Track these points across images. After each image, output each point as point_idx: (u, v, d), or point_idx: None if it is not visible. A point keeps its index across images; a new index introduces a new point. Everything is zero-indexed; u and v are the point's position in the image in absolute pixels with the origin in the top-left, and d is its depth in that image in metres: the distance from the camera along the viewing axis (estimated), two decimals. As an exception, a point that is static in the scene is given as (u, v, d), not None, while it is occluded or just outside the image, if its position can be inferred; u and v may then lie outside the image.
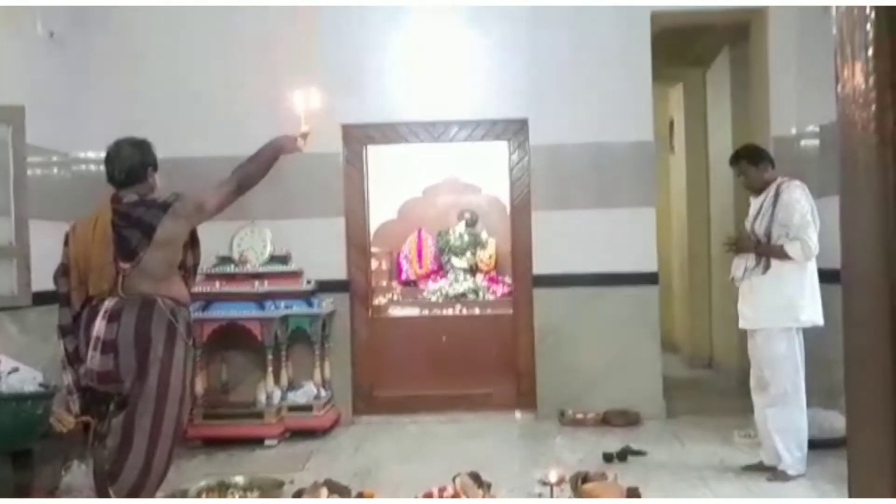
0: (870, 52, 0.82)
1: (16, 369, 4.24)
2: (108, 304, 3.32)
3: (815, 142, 5.63)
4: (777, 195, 4.37)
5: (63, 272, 3.46)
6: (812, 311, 4.31)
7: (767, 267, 4.35)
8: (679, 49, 7.56)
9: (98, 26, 5.94)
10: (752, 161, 4.51)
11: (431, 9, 6.02)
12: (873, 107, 0.81)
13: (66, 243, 3.49)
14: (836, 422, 4.84)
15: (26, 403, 3.99)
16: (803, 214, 4.26)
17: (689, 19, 6.39)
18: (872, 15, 0.80)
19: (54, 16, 5.46)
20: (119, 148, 3.53)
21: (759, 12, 6.03)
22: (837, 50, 0.90)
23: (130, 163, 3.49)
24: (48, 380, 4.21)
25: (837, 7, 0.89)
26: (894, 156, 0.79)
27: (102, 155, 5.81)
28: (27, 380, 4.19)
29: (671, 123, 8.93)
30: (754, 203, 4.54)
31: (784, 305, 4.29)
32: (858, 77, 0.85)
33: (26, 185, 4.80)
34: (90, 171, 5.86)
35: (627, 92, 5.90)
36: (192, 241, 3.60)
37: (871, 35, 0.82)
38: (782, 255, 4.28)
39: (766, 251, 4.34)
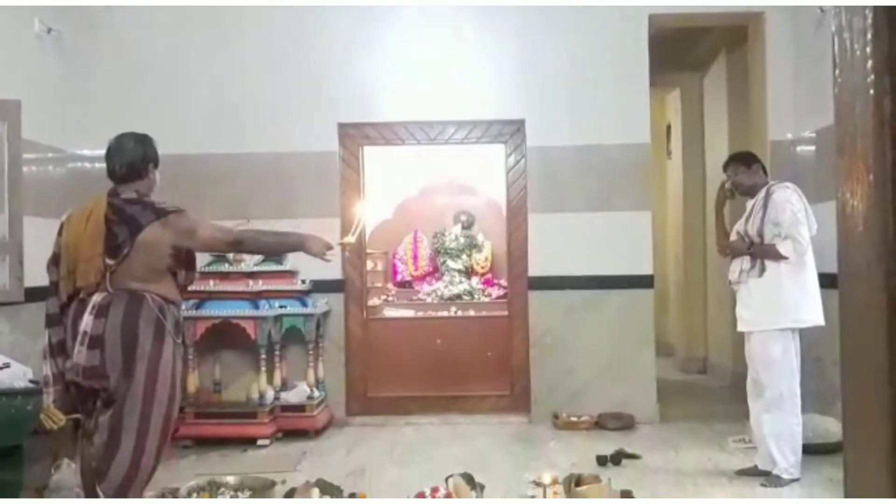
0: (868, 35, 0.81)
1: (7, 365, 4.21)
2: (97, 298, 3.29)
3: (812, 147, 5.63)
4: (768, 195, 4.38)
5: (54, 261, 3.44)
6: (813, 311, 4.29)
7: (763, 269, 4.34)
8: (676, 54, 7.57)
9: (96, 22, 5.93)
10: (743, 162, 4.53)
11: (429, 9, 6.01)
12: (871, 91, 0.80)
13: (59, 233, 3.46)
14: (831, 427, 4.84)
15: (16, 399, 3.96)
16: (794, 213, 4.26)
17: (687, 22, 6.39)
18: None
19: (52, 11, 5.44)
20: (121, 142, 3.49)
21: (757, 17, 6.03)
22: (836, 35, 0.89)
23: (132, 157, 3.44)
24: (38, 376, 4.18)
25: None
26: (892, 140, 0.78)
27: (99, 152, 5.82)
28: (17, 376, 4.16)
29: (668, 128, 8.94)
30: (748, 206, 4.55)
31: (782, 306, 4.28)
32: (857, 61, 0.83)
33: (21, 180, 4.77)
34: (85, 168, 5.85)
35: (624, 94, 5.90)
36: (189, 262, 3.52)
37: (869, 19, 0.81)
38: (775, 254, 4.27)
39: (760, 252, 4.34)
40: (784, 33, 5.89)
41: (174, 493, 4.13)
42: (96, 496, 3.29)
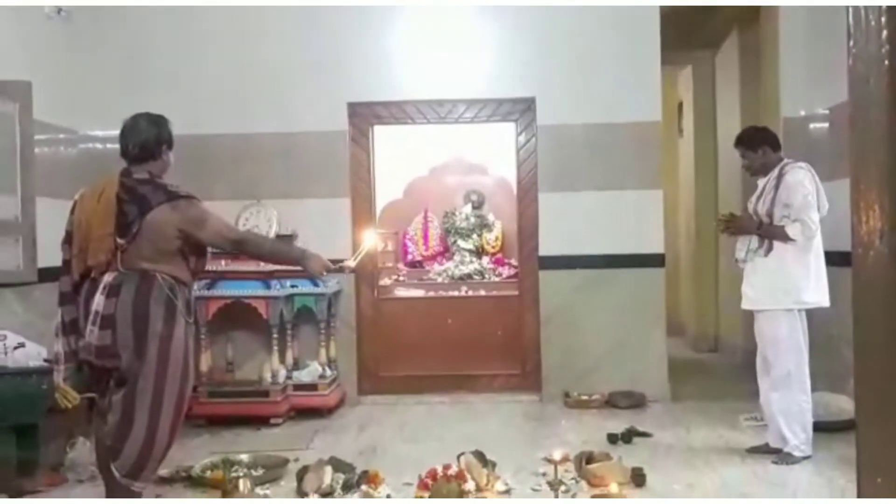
0: (883, 5, 0.80)
1: (21, 345, 4.26)
2: (108, 278, 3.31)
3: (825, 124, 5.59)
4: (780, 176, 4.34)
5: (67, 240, 3.46)
6: (816, 293, 4.28)
7: (770, 249, 4.32)
8: (688, 31, 7.50)
9: (106, 2, 5.90)
10: (749, 146, 4.48)
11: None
12: (886, 62, 0.78)
13: (72, 211, 3.48)
14: (843, 404, 4.83)
15: (31, 378, 4.01)
16: (805, 195, 4.22)
17: (699, -1, 6.33)
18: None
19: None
20: (135, 122, 3.50)
21: (770, -7, 5.97)
22: (850, 5, 0.87)
23: (145, 138, 3.45)
24: (52, 355, 4.22)
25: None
26: (907, 111, 0.77)
27: (110, 132, 5.83)
28: (32, 355, 4.21)
29: (680, 106, 8.88)
30: (760, 184, 4.52)
31: (786, 287, 4.26)
32: (871, 32, 0.82)
33: (33, 161, 4.79)
34: (97, 149, 5.87)
35: (636, 72, 5.86)
36: (199, 249, 3.51)
37: (885, -11, 0.80)
38: (783, 236, 4.25)
39: (768, 233, 4.32)
40: (797, 10, 5.83)
41: (188, 471, 4.17)
42: (111, 474, 3.33)
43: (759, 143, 4.46)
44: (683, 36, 7.30)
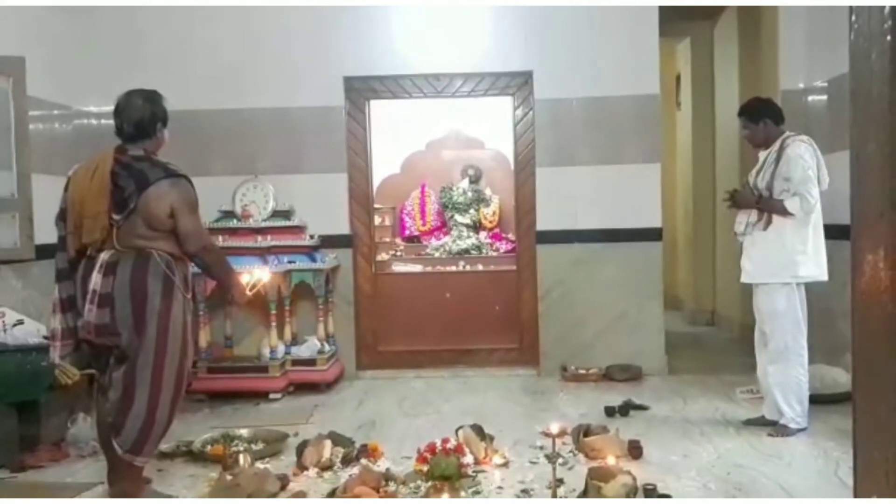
0: (886, -20, 0.79)
1: (20, 322, 4.27)
2: (104, 256, 3.31)
3: (824, 96, 5.57)
4: (781, 149, 4.33)
5: (61, 216, 3.45)
6: (814, 267, 4.28)
7: (769, 222, 4.31)
8: (686, 2, 7.43)
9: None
10: (751, 118, 4.46)
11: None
12: (888, 37, 0.78)
13: (66, 188, 3.47)
14: (839, 377, 4.86)
15: (31, 355, 4.03)
16: (805, 169, 4.21)
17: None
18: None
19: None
20: (129, 100, 3.46)
21: (770, -36, 5.92)
22: (852, -19, 0.87)
23: (140, 116, 3.43)
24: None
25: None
26: (909, 87, 0.77)
27: (105, 108, 5.81)
28: (31, 332, 4.22)
29: (678, 78, 8.84)
30: (761, 157, 4.51)
31: (784, 261, 4.27)
32: (874, 7, 0.81)
33: (28, 137, 4.77)
34: (92, 125, 5.84)
35: (634, 45, 5.82)
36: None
37: (887, -37, 0.79)
38: (782, 210, 4.25)
39: (767, 206, 4.31)
40: (796, -20, 5.78)
41: (189, 446, 4.19)
42: (113, 450, 3.35)
43: (761, 116, 4.43)
44: (681, 7, 7.25)
